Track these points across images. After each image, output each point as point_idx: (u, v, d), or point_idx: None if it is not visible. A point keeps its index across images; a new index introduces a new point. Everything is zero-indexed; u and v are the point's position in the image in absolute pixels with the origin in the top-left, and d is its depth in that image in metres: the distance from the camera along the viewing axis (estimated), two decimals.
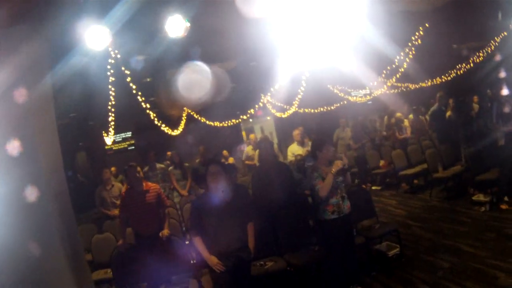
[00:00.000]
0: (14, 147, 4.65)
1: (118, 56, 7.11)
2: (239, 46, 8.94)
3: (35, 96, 5.10)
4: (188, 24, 5.88)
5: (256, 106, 15.20)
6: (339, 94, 16.78)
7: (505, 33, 12.07)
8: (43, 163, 5.02)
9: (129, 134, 19.25)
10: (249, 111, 15.69)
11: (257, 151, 10.86)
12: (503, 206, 7.84)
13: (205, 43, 7.81)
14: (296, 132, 9.82)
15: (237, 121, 16.90)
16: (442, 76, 15.86)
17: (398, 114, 14.27)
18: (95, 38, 5.58)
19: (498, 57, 12.51)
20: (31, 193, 4.66)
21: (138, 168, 6.52)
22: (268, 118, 21.03)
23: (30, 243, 4.72)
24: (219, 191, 4.76)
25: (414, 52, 12.07)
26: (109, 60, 7.40)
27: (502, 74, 11.93)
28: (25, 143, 4.79)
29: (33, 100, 5.03)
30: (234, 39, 8.50)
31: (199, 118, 15.70)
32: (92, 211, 11.10)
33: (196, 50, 7.99)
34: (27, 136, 4.89)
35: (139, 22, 5.84)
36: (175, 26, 5.85)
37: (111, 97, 9.06)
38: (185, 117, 15.49)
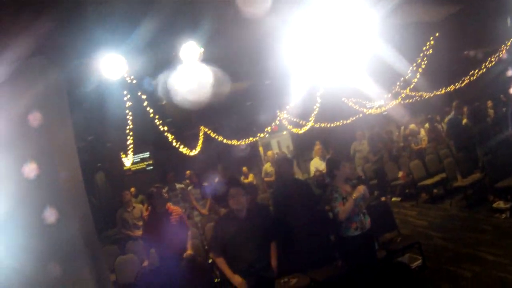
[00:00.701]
0: (33, 169, 4.82)
1: (134, 81, 7.27)
2: (253, 68, 9.06)
3: (54, 121, 5.29)
4: (202, 50, 6.02)
5: (273, 124, 15.31)
6: (354, 107, 16.80)
7: None
8: (64, 185, 5.18)
9: (147, 154, 19.41)
10: (266, 129, 15.78)
11: None
12: None
13: (220, 66, 7.93)
14: (318, 147, 9.91)
15: (254, 138, 16.99)
16: (456, 83, 15.82)
17: (412, 126, 14.28)
18: (112, 67, 5.74)
19: (509, 61, 12.48)
20: (51, 215, 4.81)
21: (163, 190, 6.66)
22: (285, 132, 21.10)
23: (54, 266, 4.85)
24: (241, 212, 4.86)
25: (426, 62, 12.09)
26: (125, 87, 7.58)
27: None
28: (45, 166, 4.96)
29: (52, 124, 5.22)
30: (248, 61, 8.64)
31: (216, 136, 15.81)
32: (107, 233, 11.27)
33: (211, 72, 8.11)
34: (47, 159, 5.06)
35: (153, 49, 6.02)
36: (190, 52, 6.01)
37: (129, 121, 9.21)
38: (202, 136, 15.63)
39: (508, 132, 8.67)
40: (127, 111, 8.61)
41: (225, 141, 16.07)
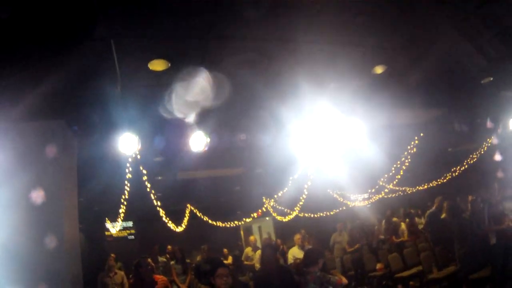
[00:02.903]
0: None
1: (138, 157, 7.74)
2: (247, 157, 9.59)
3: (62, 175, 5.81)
4: (209, 140, 6.60)
5: (260, 210, 15.72)
6: (339, 199, 17.29)
7: (492, 138, 12.64)
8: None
9: (130, 223, 19.49)
10: (252, 214, 16.17)
11: (258, 252, 11.27)
12: None
13: (217, 153, 8.44)
14: (298, 237, 10.32)
15: (239, 222, 17.33)
16: (438, 179, 16.38)
17: (394, 219, 14.69)
18: (126, 145, 6.28)
19: (491, 158, 13.01)
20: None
21: (149, 260, 6.96)
22: (267, 218, 21.37)
23: None
24: None
25: (410, 160, 12.70)
26: (130, 160, 8.04)
27: (495, 174, 12.40)
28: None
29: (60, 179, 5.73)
30: (244, 151, 9.19)
31: (202, 216, 16.14)
32: None
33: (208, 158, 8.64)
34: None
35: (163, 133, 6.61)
36: (198, 141, 6.58)
37: (125, 191, 9.58)
38: (188, 214, 15.95)
39: (483, 227, 9.02)
40: (126, 182, 9.00)
41: (210, 221, 16.38)
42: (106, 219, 16.46)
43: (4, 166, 5.73)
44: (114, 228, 16.79)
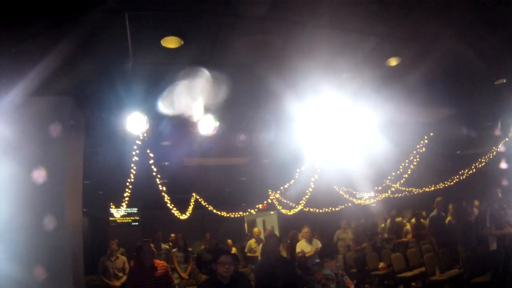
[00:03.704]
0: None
1: (146, 139, 7.69)
2: (255, 145, 9.54)
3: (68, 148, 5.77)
4: (218, 124, 6.53)
5: (265, 202, 15.66)
6: (345, 196, 17.20)
7: (506, 139, 12.50)
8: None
9: (134, 210, 19.48)
10: (257, 206, 16.12)
11: (261, 245, 11.21)
12: None
13: (225, 139, 8.37)
14: (305, 230, 10.25)
15: (244, 213, 17.28)
16: (445, 182, 16.27)
17: (398, 219, 14.60)
18: (135, 125, 6.22)
19: (499, 164, 12.88)
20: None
21: (152, 245, 6.91)
22: (272, 212, 21.32)
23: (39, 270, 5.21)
24: (225, 279, 5.11)
25: (418, 159, 12.60)
26: (137, 142, 7.98)
27: (500, 181, 12.28)
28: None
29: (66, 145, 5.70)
30: (253, 138, 9.12)
31: (207, 205, 16.11)
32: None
33: (216, 144, 8.58)
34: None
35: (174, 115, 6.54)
36: (206, 124, 6.51)
37: (131, 175, 9.54)
38: (193, 203, 15.92)
39: (487, 229, 8.95)
40: (132, 165, 8.95)
41: (214, 211, 16.34)
42: (111, 203, 16.42)
43: (9, 140, 5.69)
44: (118, 213, 16.77)
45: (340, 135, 8.79)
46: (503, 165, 12.59)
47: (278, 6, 4.77)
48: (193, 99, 6.55)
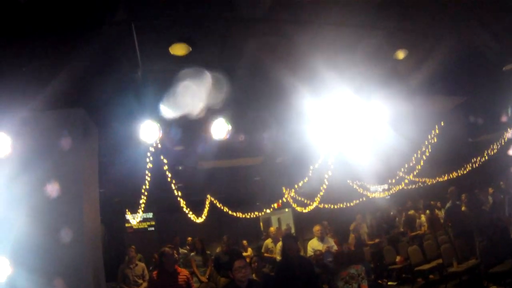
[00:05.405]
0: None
1: (159, 146, 7.71)
2: (268, 144, 9.54)
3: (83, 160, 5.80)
4: (230, 127, 6.54)
5: (280, 200, 15.67)
6: (358, 190, 17.15)
7: None
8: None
9: (150, 215, 19.56)
10: (272, 205, 16.14)
11: (278, 244, 11.19)
12: None
13: (237, 141, 8.39)
14: (317, 228, 10.17)
15: (260, 213, 17.30)
16: (458, 170, 16.19)
17: (411, 212, 14.53)
18: (147, 134, 6.25)
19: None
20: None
21: (174, 251, 6.97)
22: (287, 210, 21.30)
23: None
24: (243, 283, 5.15)
25: (430, 150, 12.53)
26: (151, 149, 8.02)
27: None
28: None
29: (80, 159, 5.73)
30: (265, 138, 9.12)
31: (222, 207, 16.15)
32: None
33: (229, 146, 8.59)
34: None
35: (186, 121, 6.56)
36: (219, 128, 6.53)
37: (146, 181, 9.58)
38: (208, 205, 15.96)
39: (504, 219, 8.83)
40: (146, 171, 9.00)
41: (230, 212, 16.38)
42: (127, 210, 16.51)
43: (23, 156, 5.73)
44: (134, 219, 16.87)
45: (351, 130, 8.76)
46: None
47: (282, 7, 4.78)
48: (204, 104, 6.57)
